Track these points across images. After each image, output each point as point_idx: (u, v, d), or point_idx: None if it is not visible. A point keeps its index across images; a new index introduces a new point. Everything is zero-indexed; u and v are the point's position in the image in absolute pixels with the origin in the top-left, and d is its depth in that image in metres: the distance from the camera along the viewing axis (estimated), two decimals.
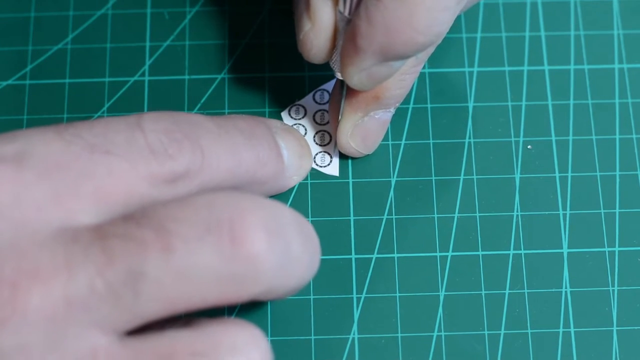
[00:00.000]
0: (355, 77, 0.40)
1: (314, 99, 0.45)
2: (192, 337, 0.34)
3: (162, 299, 0.33)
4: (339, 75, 0.41)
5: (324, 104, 0.45)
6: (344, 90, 0.42)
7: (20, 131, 0.35)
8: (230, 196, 0.34)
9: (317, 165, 0.44)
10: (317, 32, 0.40)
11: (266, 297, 0.35)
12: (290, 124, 0.45)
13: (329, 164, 0.44)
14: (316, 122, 0.45)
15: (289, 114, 0.45)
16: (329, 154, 0.44)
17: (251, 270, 0.33)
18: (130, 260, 0.32)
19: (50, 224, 0.33)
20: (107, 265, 0.32)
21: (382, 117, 0.43)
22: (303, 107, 0.45)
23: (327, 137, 0.45)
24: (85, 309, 0.32)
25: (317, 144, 0.44)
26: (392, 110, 0.43)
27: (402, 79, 0.41)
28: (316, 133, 0.45)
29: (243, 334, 0.34)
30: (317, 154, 0.44)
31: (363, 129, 0.43)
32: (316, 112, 0.45)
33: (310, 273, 0.36)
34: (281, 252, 0.34)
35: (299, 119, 0.45)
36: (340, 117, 0.42)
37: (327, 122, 0.45)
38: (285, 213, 0.35)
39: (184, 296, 0.33)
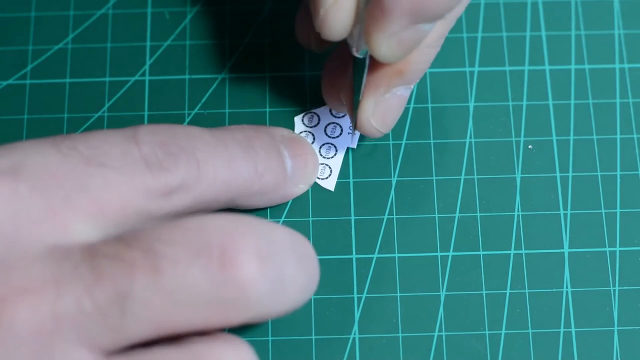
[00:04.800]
0: (384, 44, 0.37)
1: (330, 110, 0.45)
2: (177, 356, 0.33)
3: (149, 320, 0.33)
4: (355, 52, 0.39)
5: (340, 117, 0.45)
6: (365, 68, 0.40)
7: (17, 143, 0.35)
8: (222, 219, 0.34)
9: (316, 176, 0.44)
10: (340, 6, 0.37)
11: (259, 320, 0.35)
12: (301, 130, 0.44)
13: (327, 177, 0.44)
14: (326, 134, 0.44)
15: (302, 121, 0.45)
16: (329, 167, 0.44)
17: (241, 296, 0.33)
18: (118, 280, 0.32)
19: (43, 239, 0.33)
20: (95, 285, 0.32)
21: (403, 94, 0.42)
22: (317, 115, 0.45)
23: (333, 151, 0.44)
24: (72, 326, 0.32)
25: (321, 155, 0.44)
26: (412, 87, 0.42)
27: (425, 53, 0.40)
28: (323, 145, 0.44)
29: (229, 351, 0.34)
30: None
31: (384, 106, 0.41)
32: (328, 124, 0.45)
33: (306, 295, 0.35)
34: (273, 278, 0.33)
35: (311, 127, 0.45)
36: (360, 96, 0.41)
37: (337, 136, 0.44)
38: (280, 235, 0.34)
39: (171, 318, 0.33)
